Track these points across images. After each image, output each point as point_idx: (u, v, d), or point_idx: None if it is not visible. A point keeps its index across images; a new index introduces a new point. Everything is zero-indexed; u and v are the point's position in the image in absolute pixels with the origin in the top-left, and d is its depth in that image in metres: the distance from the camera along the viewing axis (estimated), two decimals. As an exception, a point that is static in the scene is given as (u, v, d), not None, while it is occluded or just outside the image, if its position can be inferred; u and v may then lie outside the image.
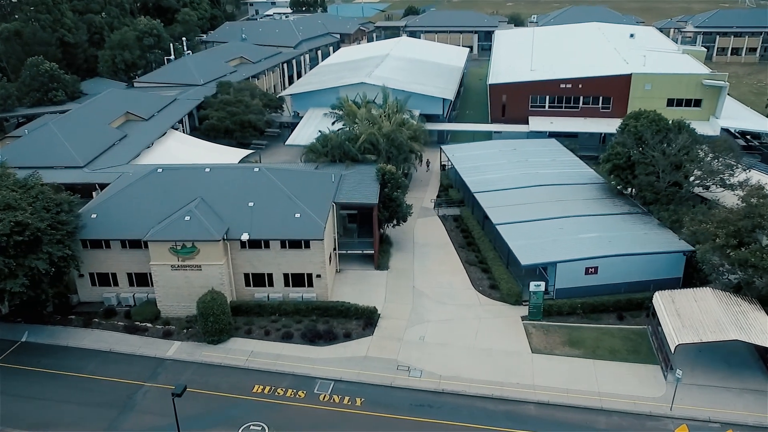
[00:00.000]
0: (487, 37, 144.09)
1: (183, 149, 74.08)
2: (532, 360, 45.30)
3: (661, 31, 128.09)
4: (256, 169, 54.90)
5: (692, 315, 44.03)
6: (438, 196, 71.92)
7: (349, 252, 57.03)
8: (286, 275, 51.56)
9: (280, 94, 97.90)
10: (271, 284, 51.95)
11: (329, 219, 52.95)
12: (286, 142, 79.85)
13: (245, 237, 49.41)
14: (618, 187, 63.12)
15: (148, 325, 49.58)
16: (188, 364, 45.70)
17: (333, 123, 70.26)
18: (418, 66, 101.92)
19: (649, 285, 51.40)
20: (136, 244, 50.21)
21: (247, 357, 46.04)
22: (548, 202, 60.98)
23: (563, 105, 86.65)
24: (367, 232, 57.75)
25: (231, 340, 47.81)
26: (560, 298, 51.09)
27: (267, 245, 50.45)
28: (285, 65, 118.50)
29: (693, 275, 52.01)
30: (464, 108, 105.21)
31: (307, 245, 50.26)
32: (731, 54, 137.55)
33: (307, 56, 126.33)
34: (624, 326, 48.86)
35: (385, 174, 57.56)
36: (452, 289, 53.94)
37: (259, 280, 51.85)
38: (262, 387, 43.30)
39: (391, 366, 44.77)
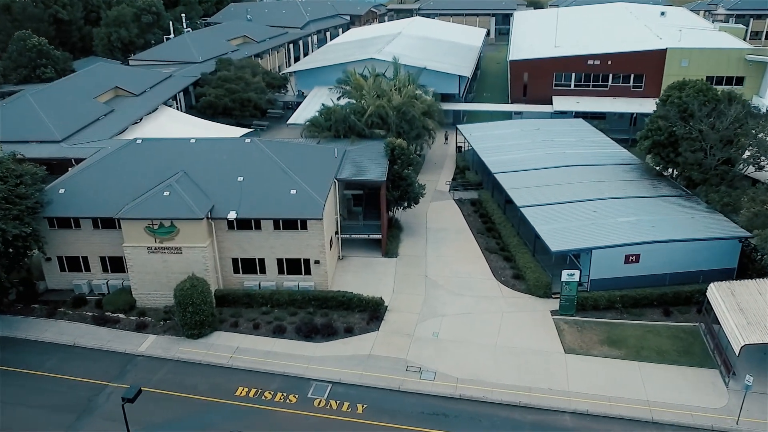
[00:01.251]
0: (505, 20, 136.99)
1: (175, 126, 67.66)
2: (566, 361, 38.43)
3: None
4: (248, 141, 48.38)
5: (758, 310, 36.98)
6: (453, 179, 65.11)
7: (353, 236, 50.37)
8: (280, 261, 45.02)
9: (283, 72, 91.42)
10: (262, 271, 45.41)
11: (330, 198, 46.35)
12: (288, 122, 73.36)
13: (232, 215, 42.90)
14: (657, 168, 56.15)
15: (121, 316, 43.23)
16: (163, 362, 39.24)
17: (338, 98, 63.66)
18: (433, 44, 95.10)
19: (698, 276, 44.78)
20: (110, 224, 43.85)
21: (231, 354, 39.53)
22: (578, 183, 54.05)
23: (590, 83, 79.54)
24: (374, 215, 51.08)
25: (214, 334, 41.34)
26: (595, 290, 44.15)
27: (258, 225, 43.91)
28: (291, 45, 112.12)
29: (748, 266, 45.06)
30: (481, 91, 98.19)
31: (304, 226, 43.67)
32: (766, 38, 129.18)
33: (315, 37, 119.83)
34: (671, 323, 41.86)
35: (394, 149, 50.85)
36: (470, 279, 47.14)
37: (250, 266, 45.33)
38: (246, 389, 36.75)
39: (400, 366, 38.12)
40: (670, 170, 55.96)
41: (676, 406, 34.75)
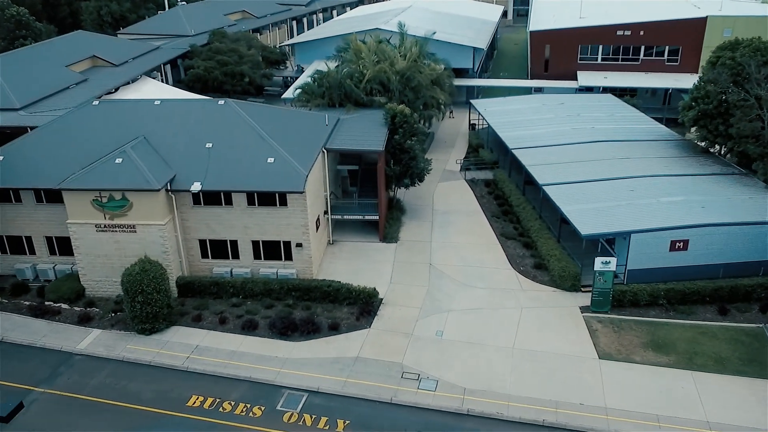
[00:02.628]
0: (524, 1, 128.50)
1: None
2: (601, 369, 30.85)
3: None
4: (221, 102, 41.19)
5: None
6: (466, 158, 57.55)
7: (345, 218, 43.06)
8: (255, 244, 37.87)
9: (282, 44, 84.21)
10: (235, 256, 38.29)
11: (317, 170, 39.12)
12: (283, 96, 66.17)
13: (196, 187, 35.74)
14: (702, 144, 48.33)
15: (64, 306, 36.27)
16: (104, 362, 32.15)
17: (336, 67, 56.21)
18: (445, 18, 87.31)
19: (759, 268, 37.29)
20: (56, 197, 36.87)
21: (188, 354, 32.38)
22: (610, 159, 46.40)
23: (620, 57, 71.48)
24: (371, 193, 43.70)
25: (171, 329, 34.25)
26: (633, 282, 36.56)
27: (229, 201, 36.75)
28: (294, 23, 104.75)
29: (819, 256, 37.29)
30: (497, 70, 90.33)
31: (284, 201, 36.44)
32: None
33: (321, 15, 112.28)
34: (730, 324, 34.14)
35: (395, 116, 43.44)
36: (483, 269, 39.66)
37: (220, 249, 38.23)
38: (201, 398, 29.56)
39: (394, 373, 30.75)
40: (717, 147, 48.12)
41: (743, 429, 27.12)
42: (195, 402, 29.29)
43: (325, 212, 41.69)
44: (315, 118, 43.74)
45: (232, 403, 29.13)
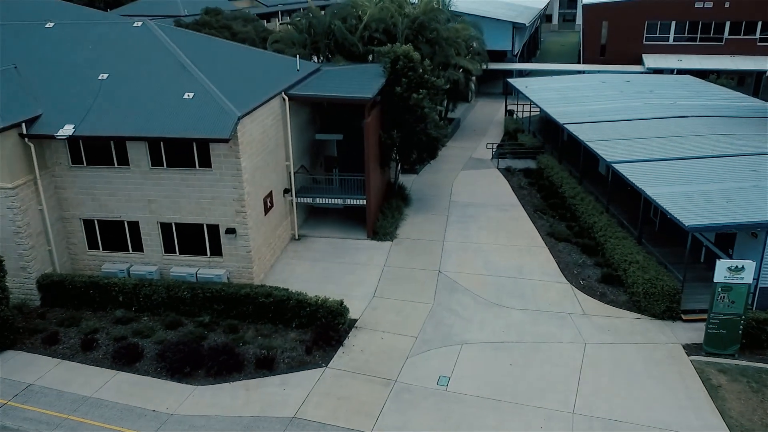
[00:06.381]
0: (571, 4, 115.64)
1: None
2: (742, 463, 16.36)
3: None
4: (137, 24, 28.45)
5: None
6: (500, 146, 43.71)
7: (318, 201, 29.47)
8: (166, 228, 24.58)
9: (282, 23, 72.50)
10: (138, 247, 25.01)
11: (269, 123, 25.92)
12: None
13: (67, 131, 22.71)
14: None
15: None
16: None
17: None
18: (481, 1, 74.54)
19: None
20: None
21: (8, 399, 18.94)
22: (707, 135, 32.30)
23: (698, 35, 57.36)
24: (358, 169, 30.13)
25: (2, 355, 20.95)
26: (770, 307, 22.14)
27: (124, 158, 23.62)
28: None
29: None
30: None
31: (207, 160, 23.13)
32: None
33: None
34: None
35: (397, 60, 30.10)
36: (522, 280, 25.53)
37: (115, 236, 25.04)
38: (-10, 487, 16.07)
39: (354, 450, 16.80)
40: None
41: None
42: (-26, 494, 15.76)
43: (286, 191, 28.26)
44: (282, 61, 30.77)
45: (39, 501, 15.49)
